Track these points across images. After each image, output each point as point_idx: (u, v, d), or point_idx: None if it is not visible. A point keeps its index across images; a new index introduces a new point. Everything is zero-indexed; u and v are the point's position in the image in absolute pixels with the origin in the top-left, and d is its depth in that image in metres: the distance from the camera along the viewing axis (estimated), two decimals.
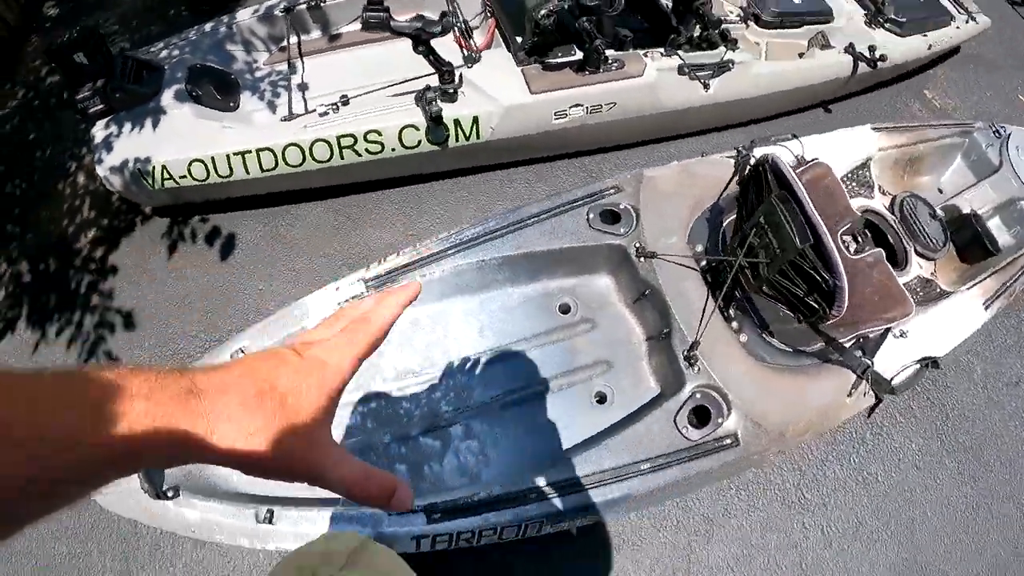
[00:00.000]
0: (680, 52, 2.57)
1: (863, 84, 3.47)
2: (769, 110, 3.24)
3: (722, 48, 2.64)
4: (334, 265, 2.34)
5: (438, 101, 2.23)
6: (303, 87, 2.55)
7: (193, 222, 2.46)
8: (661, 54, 2.56)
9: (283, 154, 2.24)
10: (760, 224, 1.69)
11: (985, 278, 2.27)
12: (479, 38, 2.62)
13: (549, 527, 1.62)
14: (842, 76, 3.13)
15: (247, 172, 2.26)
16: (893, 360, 1.95)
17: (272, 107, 2.47)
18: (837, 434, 2.37)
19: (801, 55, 3.07)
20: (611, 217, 1.99)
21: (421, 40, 2.03)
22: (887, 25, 3.41)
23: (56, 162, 2.64)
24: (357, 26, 2.75)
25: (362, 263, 2.38)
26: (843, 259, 1.84)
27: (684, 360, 1.75)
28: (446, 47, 2.53)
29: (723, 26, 2.70)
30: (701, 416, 1.73)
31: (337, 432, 1.84)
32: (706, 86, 2.62)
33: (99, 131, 2.29)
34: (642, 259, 1.89)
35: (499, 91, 2.28)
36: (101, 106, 2.28)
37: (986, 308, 2.20)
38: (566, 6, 2.13)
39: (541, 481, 1.63)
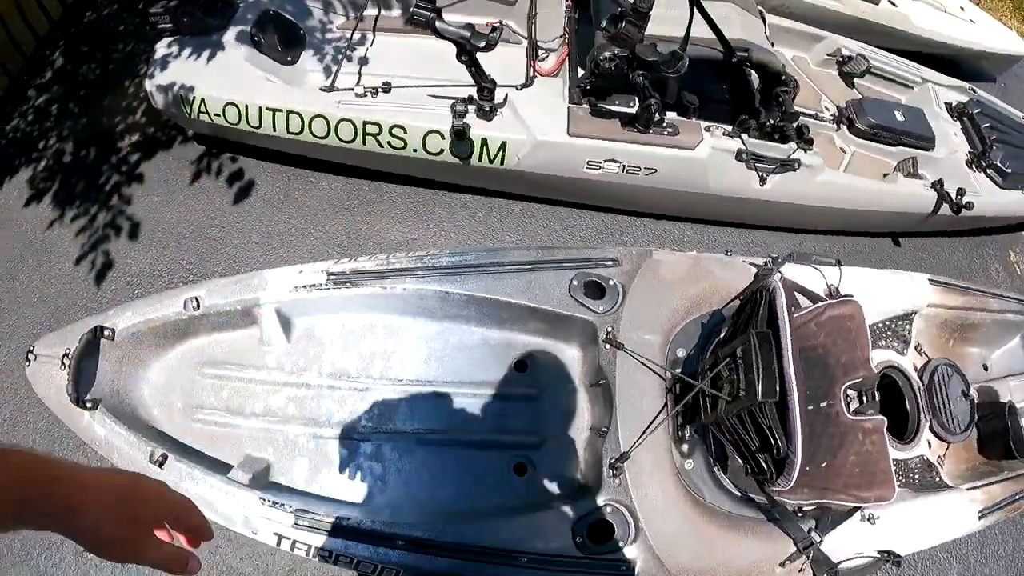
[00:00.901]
0: (745, 136, 2.29)
1: (943, 227, 3.10)
2: (829, 224, 2.92)
3: (792, 144, 2.34)
4: (327, 243, 2.28)
5: (470, 116, 2.08)
6: (361, 61, 2.48)
7: (223, 158, 2.47)
8: (725, 132, 2.29)
9: (310, 123, 2.18)
10: (734, 355, 1.47)
11: (994, 483, 2.00)
12: (550, 62, 2.45)
13: None
14: (921, 212, 2.80)
15: (274, 129, 2.23)
16: (849, 542, 1.72)
17: (327, 72, 2.41)
18: None
19: (885, 176, 2.71)
20: (596, 290, 1.81)
21: (465, 50, 1.90)
22: (989, 171, 3.03)
23: (131, 60, 2.69)
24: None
25: (349, 250, 2.32)
26: (837, 415, 1.67)
27: (609, 467, 1.57)
28: (512, 61, 2.39)
29: (801, 120, 2.40)
30: (604, 531, 1.53)
31: (258, 407, 1.77)
32: (763, 180, 2.35)
33: (161, 47, 2.32)
34: (607, 346, 1.69)
35: (537, 122, 2.13)
36: (169, 25, 2.30)
37: (980, 518, 1.93)
38: (628, 55, 1.91)
39: (418, 531, 1.53)
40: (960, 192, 2.70)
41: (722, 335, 1.90)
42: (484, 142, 2.14)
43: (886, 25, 3.45)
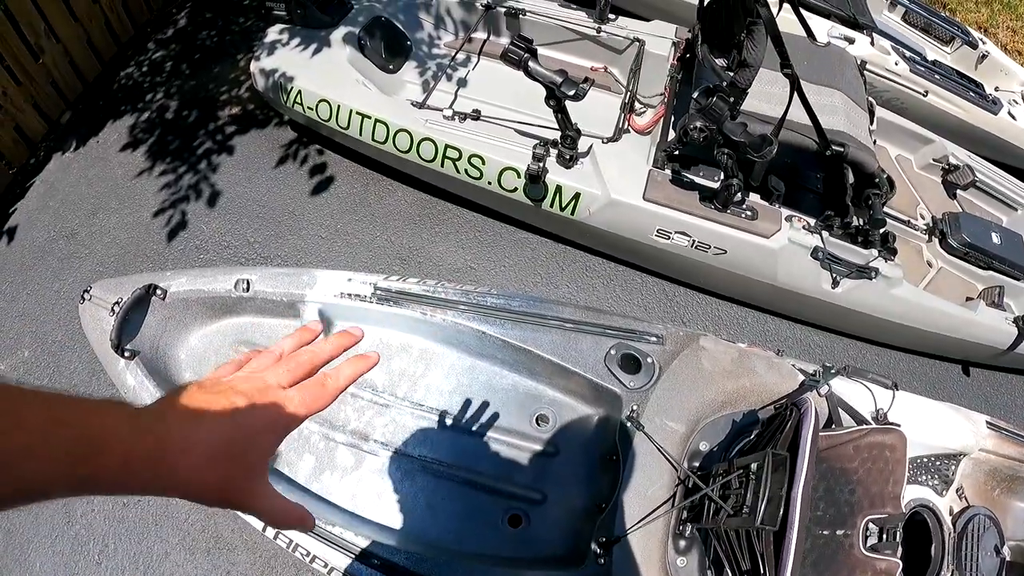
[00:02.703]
0: (826, 234, 2.17)
1: (1020, 365, 2.85)
2: (899, 341, 2.74)
3: (874, 252, 2.21)
4: (388, 253, 2.32)
5: (550, 161, 2.06)
6: (460, 83, 2.51)
7: (311, 148, 2.55)
8: (806, 226, 2.17)
9: (395, 135, 2.22)
10: (748, 469, 1.40)
11: None
12: (646, 118, 2.40)
13: None
14: (997, 346, 2.58)
15: (361, 133, 2.28)
16: None
17: (424, 87, 2.45)
18: None
19: (969, 299, 2.51)
20: (632, 364, 1.76)
21: (554, 95, 1.88)
22: None
23: (247, 35, 2.81)
24: (540, 50, 2.65)
25: (409, 264, 2.33)
26: (850, 547, 1.58)
27: (597, 545, 1.51)
28: (607, 110, 2.36)
29: (889, 228, 2.25)
30: None
31: None
32: (835, 283, 2.22)
33: (272, 33, 2.41)
34: (628, 423, 1.63)
35: (614, 180, 2.09)
36: (283, 13, 2.37)
37: None
38: (717, 130, 1.84)
39: (398, 558, 1.55)
40: None
41: (749, 438, 1.82)
42: (559, 189, 2.12)
43: (1000, 137, 3.22)
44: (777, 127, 1.92)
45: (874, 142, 2.37)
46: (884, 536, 1.62)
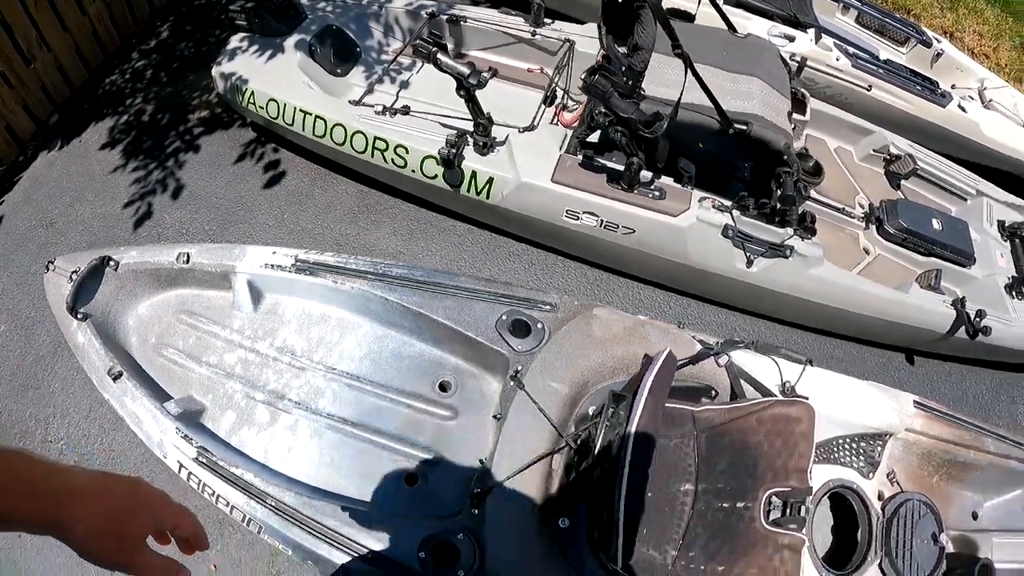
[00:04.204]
0: (737, 213, 2.21)
1: (968, 353, 2.82)
2: (825, 324, 2.74)
3: (789, 230, 2.22)
4: (327, 239, 2.53)
5: (468, 149, 2.18)
6: (402, 84, 2.69)
7: (267, 147, 2.77)
8: (716, 206, 2.22)
9: (332, 129, 2.39)
10: (597, 415, 1.45)
11: None
12: (575, 113, 2.51)
13: (274, 540, 1.63)
14: (935, 330, 2.54)
15: (303, 129, 2.46)
16: None
17: (368, 88, 2.61)
18: None
19: (900, 285, 2.48)
20: (522, 329, 1.84)
21: (462, 85, 2.00)
22: None
23: (223, 46, 3.03)
24: (481, 53, 2.80)
25: (344, 249, 2.48)
26: (750, 520, 1.61)
27: (471, 497, 1.57)
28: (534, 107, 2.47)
29: (805, 210, 2.27)
30: (450, 555, 1.54)
31: (212, 359, 1.97)
32: (750, 262, 2.24)
33: (233, 41, 2.64)
34: (511, 383, 1.71)
35: (525, 164, 2.20)
36: (244, 23, 2.58)
37: None
38: (607, 109, 1.93)
39: (288, 498, 1.63)
40: (979, 314, 2.44)
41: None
42: (474, 174, 2.24)
43: (950, 130, 3.19)
44: (675, 107, 2.00)
45: (793, 129, 2.41)
46: (788, 510, 1.60)
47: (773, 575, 1.51)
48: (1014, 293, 2.69)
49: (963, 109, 3.24)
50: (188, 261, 2.00)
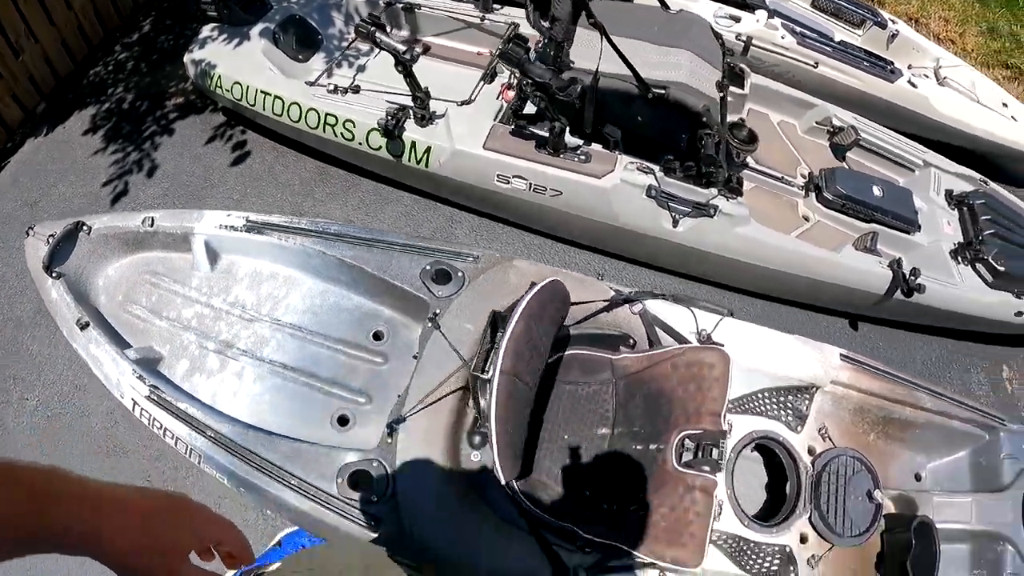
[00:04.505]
0: (661, 174, 2.39)
1: (910, 316, 2.90)
2: (757, 285, 2.86)
3: (713, 190, 2.39)
4: (284, 212, 2.70)
5: (409, 122, 2.38)
6: (359, 68, 2.91)
7: (235, 129, 3.04)
8: (640, 167, 2.39)
9: (288, 108, 2.62)
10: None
11: None
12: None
13: (211, 469, 1.82)
14: (872, 291, 2.64)
15: (263, 108, 2.68)
16: None
17: (328, 72, 2.83)
18: None
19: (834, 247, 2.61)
20: (444, 277, 2.02)
21: (399, 61, 2.21)
22: (979, 266, 2.79)
23: None
24: (435, 39, 3.02)
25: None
26: (663, 462, 1.70)
27: (387, 427, 1.75)
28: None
29: (733, 172, 2.42)
30: (365, 482, 1.70)
31: (172, 314, 2.19)
32: (676, 222, 2.39)
33: (204, 30, 2.90)
34: (428, 324, 1.89)
35: (460, 134, 2.41)
36: (213, 13, 2.83)
37: None
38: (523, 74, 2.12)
39: (225, 430, 1.81)
40: (913, 272, 2.54)
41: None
42: (414, 144, 2.45)
43: (899, 105, 3.30)
44: (596, 73, 2.19)
45: (723, 98, 2.53)
46: (700, 453, 1.69)
47: (684, 514, 1.58)
48: (959, 258, 2.79)
49: (913, 85, 3.36)
50: (152, 225, 2.22)
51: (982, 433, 2.09)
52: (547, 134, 2.37)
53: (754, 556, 1.79)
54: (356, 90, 2.62)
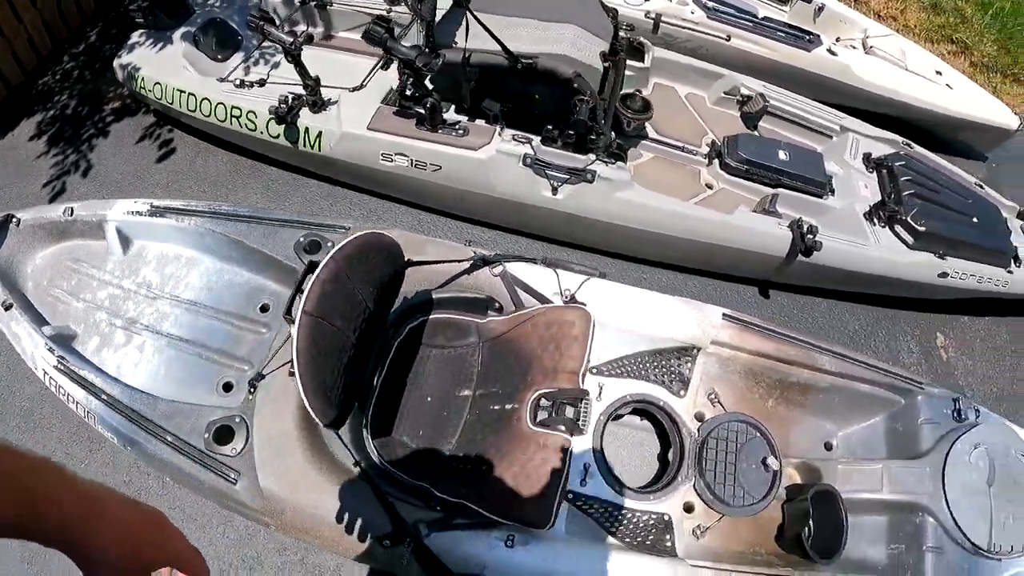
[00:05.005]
0: (538, 142, 2.56)
1: (822, 280, 2.98)
2: (645, 251, 2.99)
3: (591, 156, 2.54)
4: (199, 198, 2.94)
5: (304, 109, 2.62)
6: (274, 65, 3.15)
7: (163, 129, 3.42)
8: (516, 137, 2.57)
9: (200, 104, 2.89)
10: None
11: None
12: None
13: (103, 428, 2.04)
14: (772, 253, 2.71)
15: (180, 106, 2.96)
16: (479, 553, 1.65)
17: (245, 70, 3.09)
18: None
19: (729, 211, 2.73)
20: (315, 247, 2.23)
21: (287, 52, 2.45)
22: (898, 227, 2.85)
23: None
24: (345, 33, 3.26)
25: None
26: (517, 421, 1.78)
27: (249, 384, 1.95)
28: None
29: (614, 139, 2.58)
30: (226, 435, 1.89)
31: (88, 295, 2.44)
32: (555, 190, 2.55)
33: (133, 36, 3.20)
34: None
35: (349, 117, 2.64)
36: (141, 20, 3.13)
37: None
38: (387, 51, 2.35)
39: (116, 394, 2.03)
40: (810, 230, 2.61)
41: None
42: (307, 130, 2.68)
43: (817, 73, 3.41)
44: (466, 55, 2.40)
45: (605, 69, 2.66)
46: (556, 412, 1.75)
47: (535, 474, 1.64)
48: (875, 220, 2.87)
49: (833, 53, 3.46)
50: (72, 215, 2.51)
51: (897, 398, 2.07)
52: (422, 111, 2.57)
53: (626, 523, 1.83)
54: (262, 83, 2.88)
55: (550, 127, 2.56)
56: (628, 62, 3.03)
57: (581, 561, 1.67)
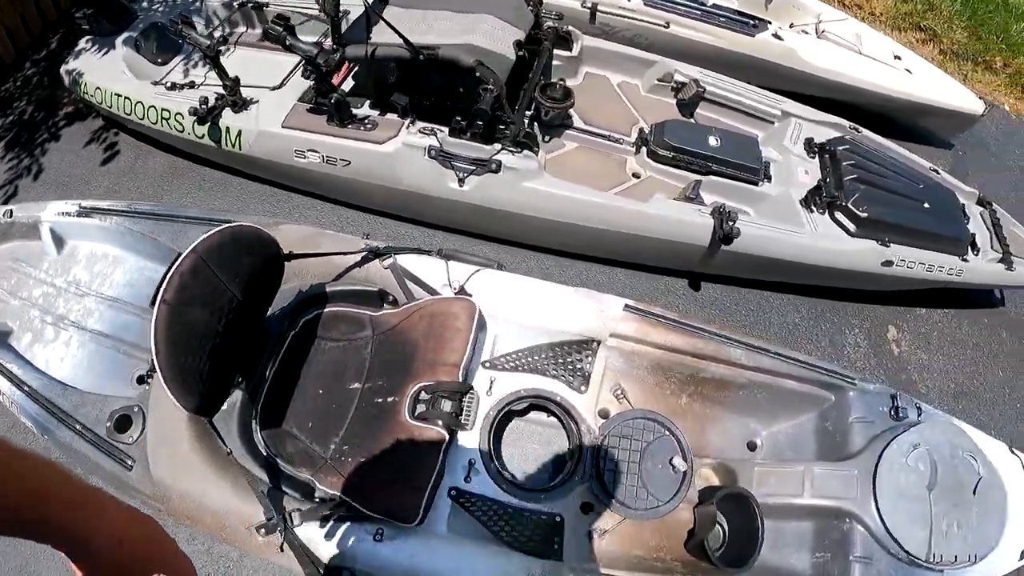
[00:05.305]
0: (443, 134, 2.64)
1: (747, 271, 3.00)
2: (558, 241, 3.04)
3: (497, 146, 2.62)
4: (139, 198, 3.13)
5: (226, 109, 2.79)
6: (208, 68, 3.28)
7: (110, 132, 3.64)
8: (424, 130, 2.66)
9: (135, 106, 3.06)
10: None
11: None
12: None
13: (23, 416, 2.20)
14: (694, 242, 2.71)
15: (118, 110, 3.14)
16: (347, 545, 1.69)
17: (184, 73, 3.26)
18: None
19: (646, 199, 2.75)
20: None
21: (205, 54, 2.60)
22: (838, 214, 2.83)
23: None
24: None
25: None
26: (396, 413, 1.84)
27: (146, 374, 2.11)
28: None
29: (523, 127, 2.66)
30: (126, 423, 2.03)
31: (24, 293, 2.62)
32: (462, 181, 2.63)
33: (80, 43, 3.38)
34: None
35: (266, 116, 2.78)
36: (86, 26, 3.32)
37: None
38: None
39: (40, 387, 2.21)
40: (729, 216, 2.60)
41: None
42: (227, 129, 2.82)
43: (762, 59, 3.42)
44: (370, 49, 2.51)
45: (518, 57, 2.73)
46: (433, 405, 1.78)
47: (409, 468, 1.70)
48: (812, 206, 2.86)
49: (779, 38, 3.46)
50: (11, 216, 2.70)
51: (827, 394, 2.00)
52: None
53: (513, 523, 1.81)
54: (192, 86, 3.04)
55: (459, 118, 2.62)
56: (556, 51, 3.12)
57: (448, 559, 1.67)
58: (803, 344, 3.04)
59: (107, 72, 3.22)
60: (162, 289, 1.70)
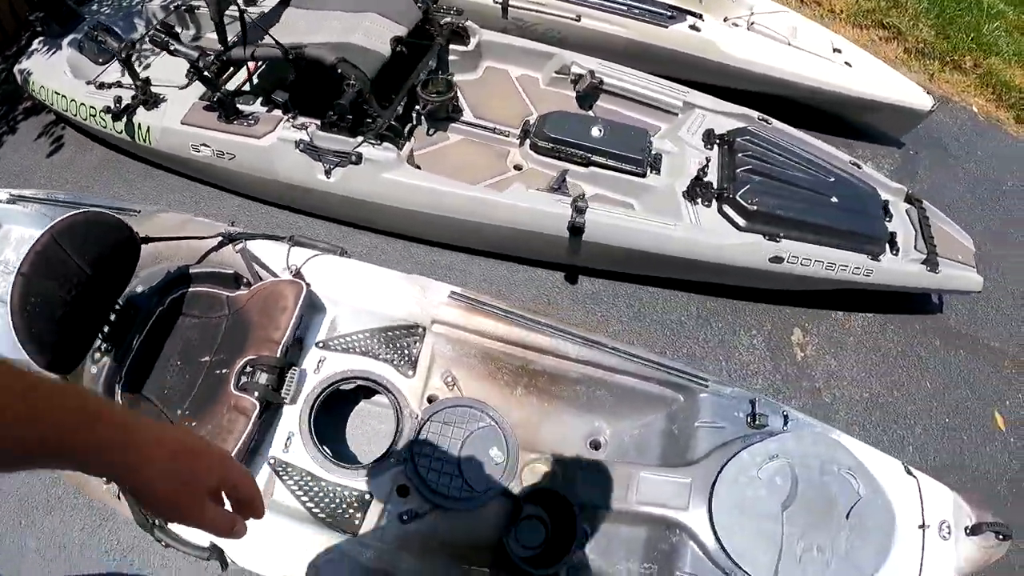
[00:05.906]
0: (313, 128, 2.94)
1: (628, 266, 3.17)
2: (421, 231, 3.29)
3: (359, 138, 2.91)
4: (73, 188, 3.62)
5: (140, 106, 3.26)
6: (147, 67, 3.72)
7: (58, 126, 4.15)
8: (299, 124, 2.97)
9: (69, 103, 3.54)
10: None
11: None
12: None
13: None
14: (554, 233, 2.87)
15: (58, 106, 3.63)
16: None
17: (121, 73, 3.71)
18: None
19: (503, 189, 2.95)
20: None
21: (116, 56, 3.03)
22: (726, 207, 2.93)
23: None
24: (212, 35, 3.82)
25: None
26: (224, 384, 2.05)
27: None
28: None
29: (390, 121, 2.94)
30: None
31: None
32: (328, 172, 2.98)
33: (35, 44, 3.90)
34: None
35: (170, 113, 3.20)
36: (39, 28, 3.83)
37: None
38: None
39: None
40: (579, 209, 2.74)
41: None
42: (139, 125, 3.25)
43: (677, 51, 3.59)
44: (246, 47, 2.89)
45: (393, 51, 3.02)
46: (251, 378, 2.00)
47: (223, 431, 1.91)
48: (699, 200, 2.97)
49: (696, 29, 3.60)
50: None
51: (675, 395, 2.01)
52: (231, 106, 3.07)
53: (322, 495, 1.93)
54: (119, 84, 3.48)
55: (330, 112, 2.89)
56: (453, 47, 3.39)
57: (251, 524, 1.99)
58: (686, 343, 3.13)
59: (51, 71, 3.72)
60: (19, 263, 2.04)
